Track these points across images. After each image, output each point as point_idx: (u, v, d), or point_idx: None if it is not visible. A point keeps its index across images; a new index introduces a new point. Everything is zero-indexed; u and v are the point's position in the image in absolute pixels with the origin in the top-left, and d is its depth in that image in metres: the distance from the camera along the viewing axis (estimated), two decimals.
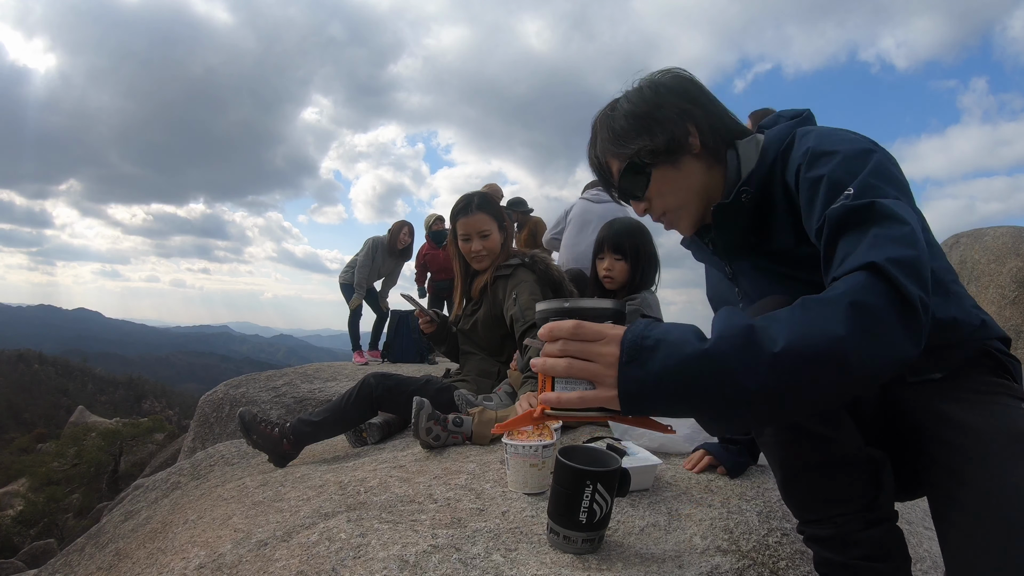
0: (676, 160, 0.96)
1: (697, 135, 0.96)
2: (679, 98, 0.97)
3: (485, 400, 2.01)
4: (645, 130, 0.95)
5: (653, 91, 0.98)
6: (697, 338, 0.63)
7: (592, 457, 1.08)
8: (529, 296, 2.13)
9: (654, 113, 0.96)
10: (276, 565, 1.06)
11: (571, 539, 1.00)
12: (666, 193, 0.98)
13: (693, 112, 0.96)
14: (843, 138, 0.84)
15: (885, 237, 0.69)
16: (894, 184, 0.77)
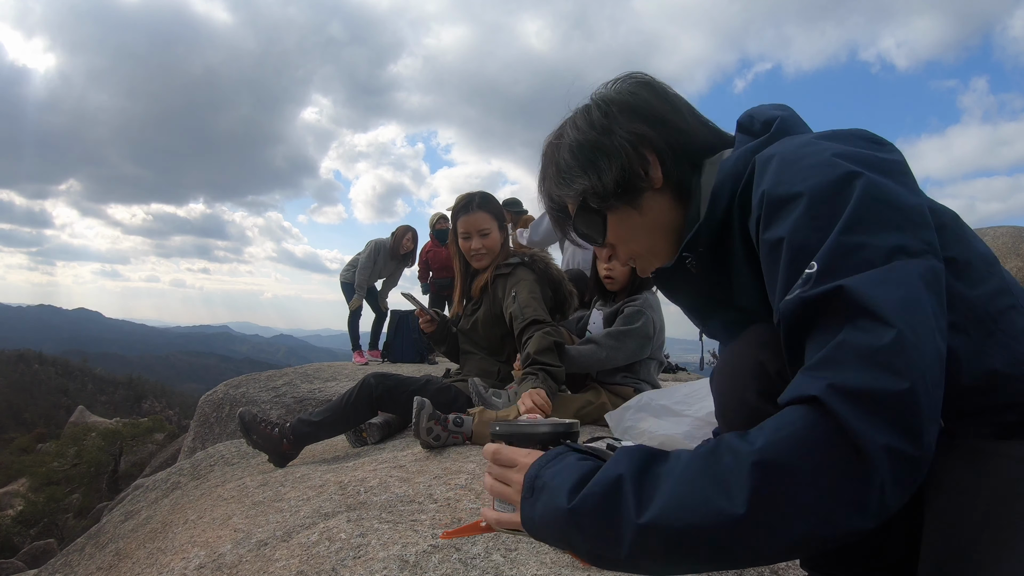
0: (633, 199, 0.77)
1: (658, 164, 0.77)
2: (634, 118, 0.78)
3: (495, 395, 2.01)
4: (591, 166, 0.78)
5: (603, 112, 0.79)
6: (575, 486, 0.57)
7: None
8: (528, 294, 2.13)
9: (602, 142, 0.78)
10: (276, 565, 1.06)
11: None
12: (628, 239, 0.82)
13: (650, 136, 0.77)
14: (812, 164, 0.60)
15: (849, 350, 0.49)
16: (893, 220, 0.55)
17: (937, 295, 0.53)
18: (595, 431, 1.93)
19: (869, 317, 0.50)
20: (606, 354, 2.06)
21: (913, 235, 0.54)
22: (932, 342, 0.50)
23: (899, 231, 0.54)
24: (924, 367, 0.48)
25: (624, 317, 2.10)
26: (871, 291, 0.50)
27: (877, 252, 0.53)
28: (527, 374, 2.00)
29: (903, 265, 0.52)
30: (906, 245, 0.53)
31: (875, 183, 0.56)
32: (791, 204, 0.59)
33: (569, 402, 2.03)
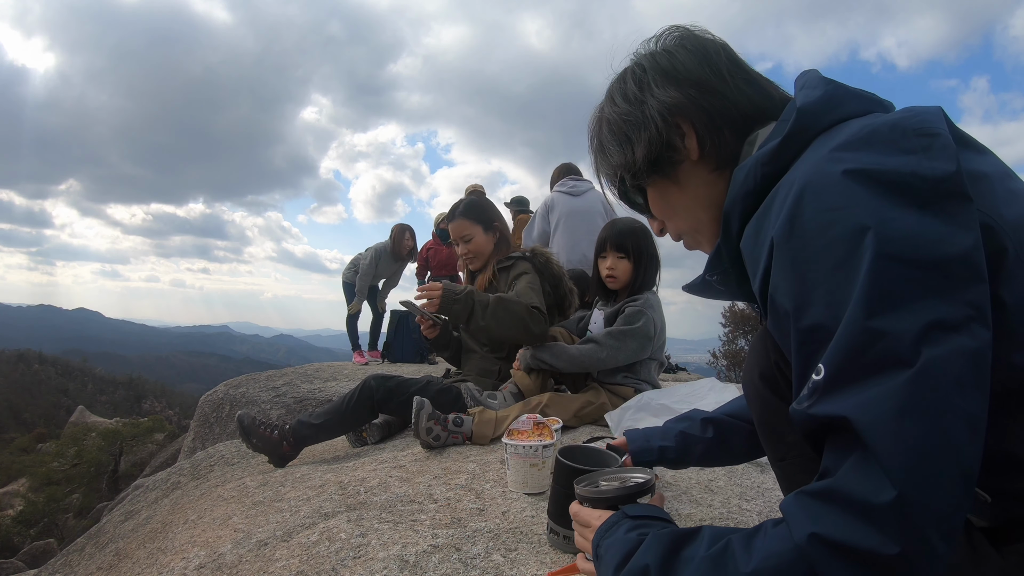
0: (669, 173, 0.73)
1: (694, 135, 0.71)
2: (668, 83, 0.72)
3: (490, 397, 2.02)
4: (625, 140, 0.74)
5: (636, 80, 0.75)
6: (618, 565, 0.60)
7: (592, 457, 1.08)
8: (527, 285, 2.16)
9: (632, 115, 0.73)
10: (276, 565, 1.06)
11: (571, 539, 1.00)
12: (670, 214, 0.78)
13: (683, 104, 0.70)
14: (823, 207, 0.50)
15: (841, 496, 0.45)
16: (922, 284, 0.45)
17: (979, 388, 0.44)
18: (595, 431, 1.93)
19: (873, 463, 0.44)
20: (606, 353, 2.06)
21: (952, 298, 0.45)
22: (950, 489, 0.43)
23: (931, 297, 0.45)
24: (929, 527, 0.42)
25: (625, 317, 2.10)
26: (879, 434, 0.44)
27: (901, 343, 0.44)
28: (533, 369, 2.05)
29: (934, 364, 0.43)
30: (943, 319, 0.44)
31: (892, 236, 0.46)
32: (796, 265, 0.51)
33: (569, 402, 2.03)
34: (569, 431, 1.97)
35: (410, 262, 5.78)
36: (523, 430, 1.67)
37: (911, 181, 0.48)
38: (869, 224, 0.47)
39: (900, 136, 0.51)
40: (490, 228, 2.37)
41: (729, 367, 13.15)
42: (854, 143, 0.52)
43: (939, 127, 0.52)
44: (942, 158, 0.49)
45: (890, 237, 0.46)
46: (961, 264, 0.46)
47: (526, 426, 1.70)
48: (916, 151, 0.50)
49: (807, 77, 0.66)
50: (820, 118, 0.59)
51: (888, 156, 0.50)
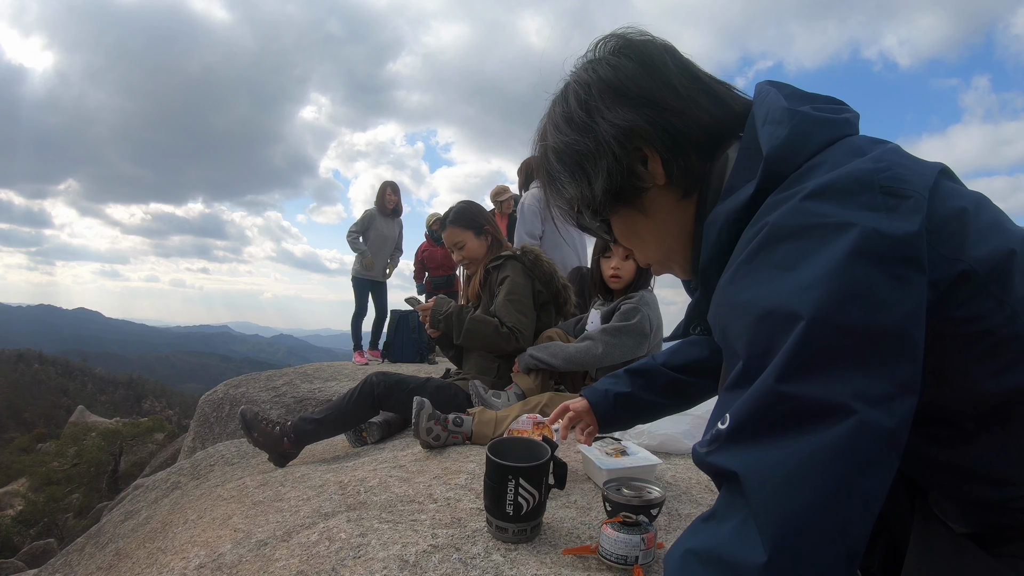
0: (634, 202, 0.67)
1: (658, 158, 0.64)
2: (618, 102, 0.64)
3: (494, 396, 2.04)
4: (579, 171, 0.67)
5: (580, 102, 0.66)
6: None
7: (522, 451, 1.12)
8: (505, 296, 2.22)
9: (584, 143, 0.65)
10: (276, 565, 1.06)
11: (504, 529, 1.04)
12: (637, 243, 0.73)
13: (639, 126, 0.63)
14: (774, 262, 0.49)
15: (716, 550, 0.45)
16: (851, 354, 0.44)
17: (884, 467, 0.43)
18: None
19: (751, 525, 0.43)
20: (602, 350, 2.06)
21: (879, 374, 0.44)
22: (828, 565, 0.42)
23: (856, 370, 0.44)
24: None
25: (621, 314, 2.10)
26: (762, 496, 0.43)
27: (810, 411, 0.44)
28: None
29: (840, 438, 0.42)
30: (863, 392, 0.43)
31: (833, 301, 0.44)
32: (735, 308, 0.51)
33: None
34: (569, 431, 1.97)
35: (397, 217, 5.73)
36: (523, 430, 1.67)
37: (868, 234, 0.46)
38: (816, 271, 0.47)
39: (865, 190, 0.49)
40: (481, 232, 2.41)
41: None
42: (815, 193, 0.49)
43: (909, 187, 0.49)
44: (906, 221, 0.47)
45: (830, 301, 0.45)
46: (896, 338, 0.45)
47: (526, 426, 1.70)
48: (880, 209, 0.48)
49: (768, 105, 0.60)
50: (788, 163, 0.55)
51: (847, 209, 0.48)
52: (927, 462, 0.57)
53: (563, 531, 1.11)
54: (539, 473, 1.04)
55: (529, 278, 2.29)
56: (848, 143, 0.56)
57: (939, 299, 0.49)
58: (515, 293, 2.22)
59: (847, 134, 0.58)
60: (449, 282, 5.87)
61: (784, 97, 0.60)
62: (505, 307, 2.20)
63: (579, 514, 1.19)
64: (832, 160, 0.53)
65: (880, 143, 0.56)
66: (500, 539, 1.05)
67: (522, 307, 2.22)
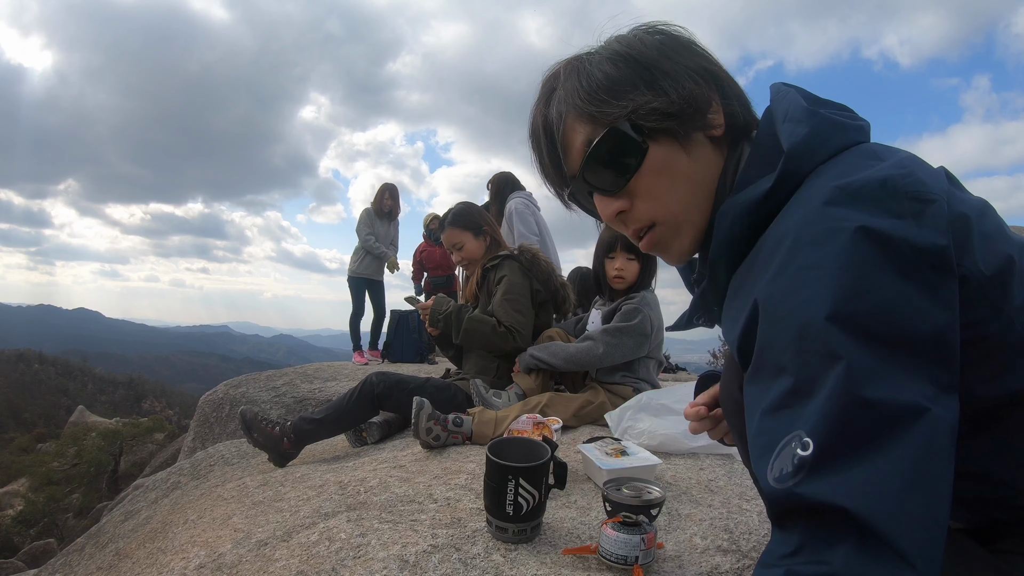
0: (687, 136, 0.62)
1: (720, 108, 0.64)
2: (692, 57, 0.64)
3: (495, 396, 2.04)
4: (646, 81, 0.62)
5: (651, 40, 0.65)
6: None
7: (523, 451, 1.12)
8: (502, 295, 2.23)
9: (660, 62, 0.62)
10: (276, 565, 1.06)
11: (504, 529, 1.05)
12: (660, 190, 0.63)
13: (714, 72, 0.64)
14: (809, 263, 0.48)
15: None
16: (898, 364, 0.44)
17: (952, 459, 0.43)
18: (595, 431, 1.93)
19: (882, 547, 0.40)
20: (603, 350, 2.06)
21: (922, 374, 0.44)
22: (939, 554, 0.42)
23: (908, 374, 0.44)
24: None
25: (622, 314, 2.10)
26: (886, 514, 0.41)
27: (896, 413, 0.43)
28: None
29: (924, 437, 0.42)
30: (916, 401, 0.43)
31: (871, 305, 0.45)
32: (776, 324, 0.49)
33: (568, 402, 2.03)
34: (569, 431, 1.97)
35: (393, 220, 5.74)
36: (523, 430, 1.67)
37: (897, 245, 0.46)
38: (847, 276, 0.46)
39: (890, 196, 0.48)
40: (480, 233, 2.42)
41: None
42: (844, 199, 0.49)
43: (932, 192, 0.49)
44: (933, 229, 0.47)
45: (870, 306, 0.45)
46: (933, 343, 0.45)
47: (526, 426, 1.70)
48: (907, 215, 0.47)
49: (788, 103, 0.60)
50: (808, 160, 0.55)
51: (874, 216, 0.47)
52: None
53: (563, 531, 1.11)
54: (539, 473, 1.04)
55: (527, 277, 2.29)
56: (864, 148, 0.56)
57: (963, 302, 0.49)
58: (512, 292, 2.22)
59: (862, 140, 0.58)
60: (448, 282, 5.88)
61: (803, 98, 0.60)
62: (502, 306, 2.20)
63: (579, 514, 1.19)
64: (852, 163, 0.53)
65: (895, 150, 0.56)
66: (500, 539, 1.05)
67: (520, 306, 2.22)
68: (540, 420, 1.71)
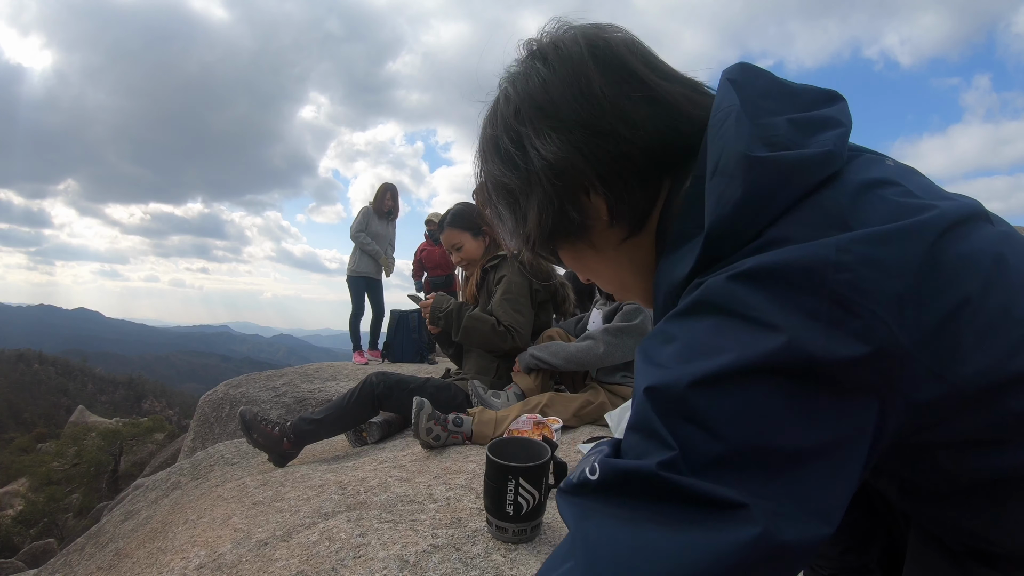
0: (577, 239, 0.58)
1: (602, 197, 0.54)
2: (547, 125, 0.53)
3: (494, 396, 2.04)
4: (516, 208, 0.58)
5: (509, 128, 0.56)
6: None
7: (522, 451, 1.12)
8: (502, 295, 2.22)
9: (513, 179, 0.56)
10: (276, 565, 1.06)
11: (504, 529, 1.04)
12: (592, 276, 0.65)
13: (576, 159, 0.52)
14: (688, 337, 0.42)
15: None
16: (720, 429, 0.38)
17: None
18: (595, 431, 1.93)
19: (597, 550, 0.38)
20: (603, 350, 2.06)
21: (780, 492, 0.37)
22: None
23: (756, 484, 0.37)
24: None
25: (623, 314, 2.10)
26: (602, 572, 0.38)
27: (712, 503, 0.37)
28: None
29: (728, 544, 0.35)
30: (769, 509, 0.36)
31: (738, 410, 0.38)
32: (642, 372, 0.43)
33: (569, 402, 2.03)
34: (569, 431, 1.97)
35: (392, 220, 5.75)
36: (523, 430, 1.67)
37: (788, 350, 0.38)
38: (721, 366, 0.39)
39: (810, 290, 0.39)
40: (479, 233, 2.42)
41: None
42: (752, 274, 0.40)
43: (868, 303, 0.38)
44: (846, 343, 0.38)
45: (732, 399, 0.38)
46: (792, 460, 0.38)
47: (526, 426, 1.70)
48: (819, 318, 0.38)
49: (723, 139, 0.46)
50: (737, 237, 0.44)
51: (778, 308, 0.39)
52: (911, 505, 0.54)
53: (563, 531, 1.10)
54: (539, 473, 1.04)
55: (526, 277, 2.29)
56: (822, 205, 0.43)
57: (923, 424, 0.43)
58: (512, 292, 2.23)
59: (826, 175, 0.45)
60: (448, 282, 5.88)
61: (749, 117, 0.46)
62: (502, 306, 2.20)
63: None
64: (796, 237, 0.42)
65: (866, 192, 0.44)
66: (500, 539, 1.05)
67: (519, 306, 2.22)
68: (540, 420, 1.71)
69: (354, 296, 5.61)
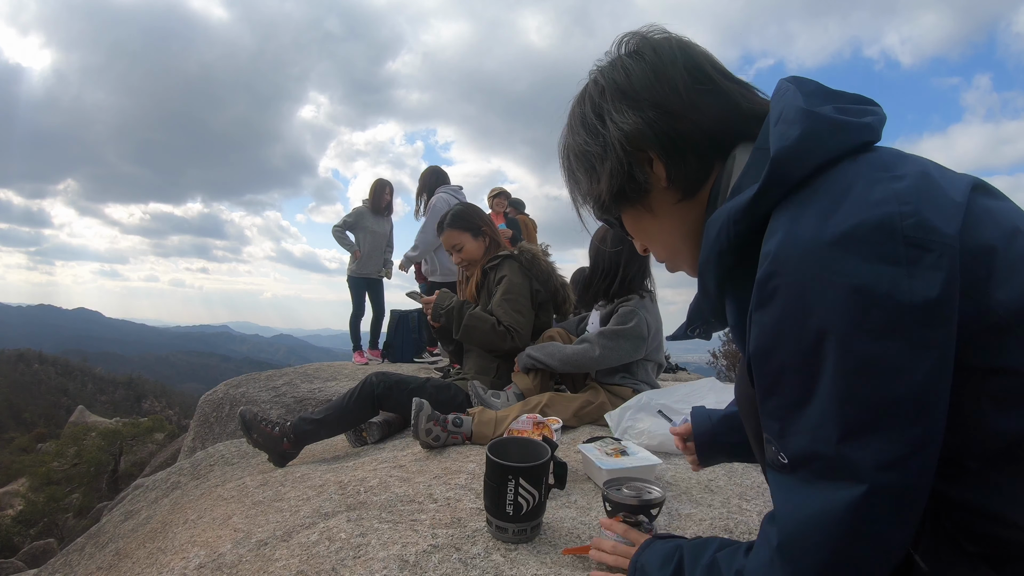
0: (640, 201, 0.69)
1: (662, 163, 0.65)
2: (625, 104, 0.66)
3: (493, 397, 2.04)
4: (591, 171, 0.70)
5: (593, 105, 0.69)
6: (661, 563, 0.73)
7: (522, 451, 1.12)
8: (502, 295, 2.23)
9: (593, 145, 0.68)
10: (276, 565, 1.06)
11: (504, 529, 1.05)
12: (647, 241, 0.75)
13: (645, 131, 0.64)
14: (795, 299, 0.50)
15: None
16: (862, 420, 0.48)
17: (885, 534, 0.49)
18: (595, 431, 1.93)
19: (781, 570, 0.53)
20: (599, 353, 2.06)
21: (893, 435, 0.47)
22: None
23: (873, 436, 0.47)
24: None
25: (617, 316, 2.10)
26: (793, 546, 0.52)
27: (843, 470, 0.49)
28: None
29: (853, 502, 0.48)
30: (879, 458, 0.47)
31: (852, 376, 0.47)
32: (767, 364, 0.53)
33: (569, 402, 2.03)
34: (569, 431, 1.97)
35: (388, 216, 5.68)
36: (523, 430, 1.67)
37: (884, 303, 0.46)
38: (832, 332, 0.48)
39: (888, 240, 0.47)
40: (479, 233, 2.42)
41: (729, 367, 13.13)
42: (837, 241, 0.48)
43: (935, 238, 0.47)
44: (926, 279, 0.46)
45: (849, 357, 0.47)
46: (911, 402, 0.47)
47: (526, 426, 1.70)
48: (900, 263, 0.46)
49: (784, 103, 0.58)
50: (796, 167, 0.53)
51: (868, 264, 0.47)
52: (934, 494, 0.54)
53: (563, 531, 1.11)
54: (539, 473, 1.04)
55: (526, 277, 2.29)
56: (870, 159, 0.53)
57: (959, 340, 0.48)
58: (512, 292, 2.23)
59: (867, 140, 0.56)
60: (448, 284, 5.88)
61: (803, 95, 0.58)
62: (501, 306, 2.20)
63: (579, 514, 1.19)
64: (853, 181, 0.51)
65: (904, 160, 0.53)
66: (500, 539, 1.05)
67: (519, 306, 2.22)
68: (540, 420, 1.71)
69: (354, 296, 5.60)
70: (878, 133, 0.57)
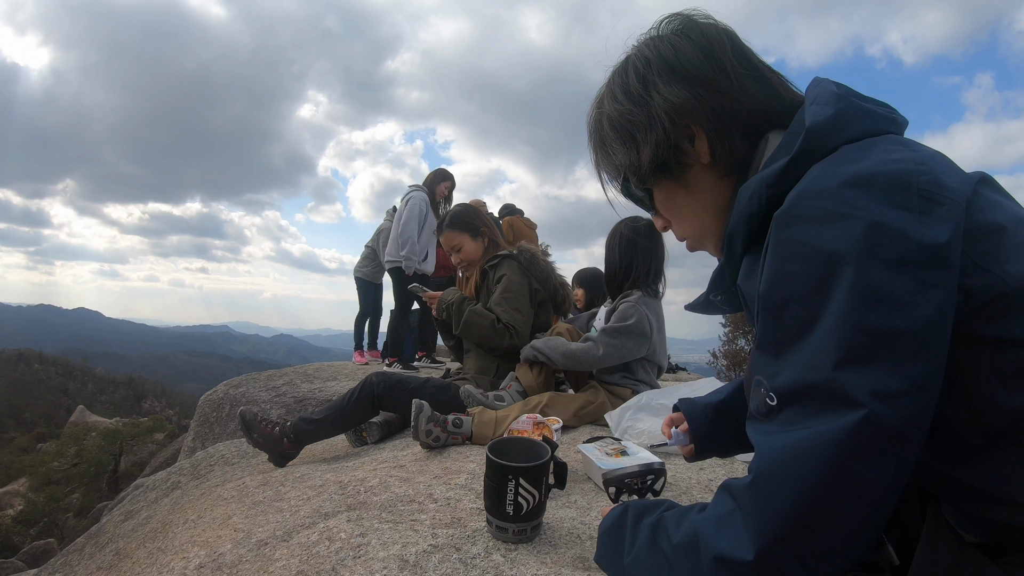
0: (678, 176, 0.70)
1: (705, 138, 0.67)
2: (674, 80, 0.67)
3: (496, 399, 2.03)
4: (630, 140, 0.70)
5: (639, 76, 0.69)
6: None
7: (523, 451, 1.12)
8: (500, 293, 2.24)
9: (638, 114, 0.69)
10: (276, 565, 1.05)
11: (504, 529, 1.04)
12: (676, 216, 0.75)
13: (692, 104, 0.66)
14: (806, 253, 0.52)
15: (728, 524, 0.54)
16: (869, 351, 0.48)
17: (879, 467, 0.47)
18: (595, 431, 1.93)
19: (749, 510, 0.52)
20: (602, 352, 2.05)
21: (893, 370, 0.47)
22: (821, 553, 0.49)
23: (871, 365, 0.48)
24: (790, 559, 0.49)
25: (618, 313, 2.09)
26: (768, 480, 0.51)
27: (834, 399, 0.48)
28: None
29: (839, 430, 0.47)
30: (878, 388, 0.47)
31: (859, 303, 0.48)
32: (774, 266, 0.54)
33: (569, 402, 2.03)
34: (569, 431, 1.97)
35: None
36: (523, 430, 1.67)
37: (896, 239, 0.48)
38: (846, 257, 0.49)
39: (902, 190, 0.50)
40: (478, 234, 2.43)
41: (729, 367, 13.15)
42: (857, 182, 0.51)
43: (947, 194, 0.50)
44: (936, 227, 0.49)
45: (856, 304, 0.48)
46: (913, 337, 0.48)
47: (526, 426, 1.70)
48: (913, 211, 0.49)
49: (819, 90, 0.63)
50: (828, 139, 0.58)
51: (883, 206, 0.50)
52: (936, 476, 0.56)
53: (563, 531, 1.10)
54: (539, 473, 1.04)
55: (525, 276, 2.29)
56: (892, 138, 0.58)
57: (969, 309, 0.50)
58: (511, 291, 2.23)
59: (890, 130, 0.60)
60: (450, 283, 5.89)
61: (836, 86, 0.63)
62: (501, 304, 2.21)
63: (579, 514, 1.19)
64: (874, 148, 0.55)
65: (925, 147, 0.57)
66: (500, 539, 1.05)
67: (518, 304, 2.22)
68: (540, 420, 1.71)
69: (364, 296, 5.58)
70: (901, 129, 0.62)
